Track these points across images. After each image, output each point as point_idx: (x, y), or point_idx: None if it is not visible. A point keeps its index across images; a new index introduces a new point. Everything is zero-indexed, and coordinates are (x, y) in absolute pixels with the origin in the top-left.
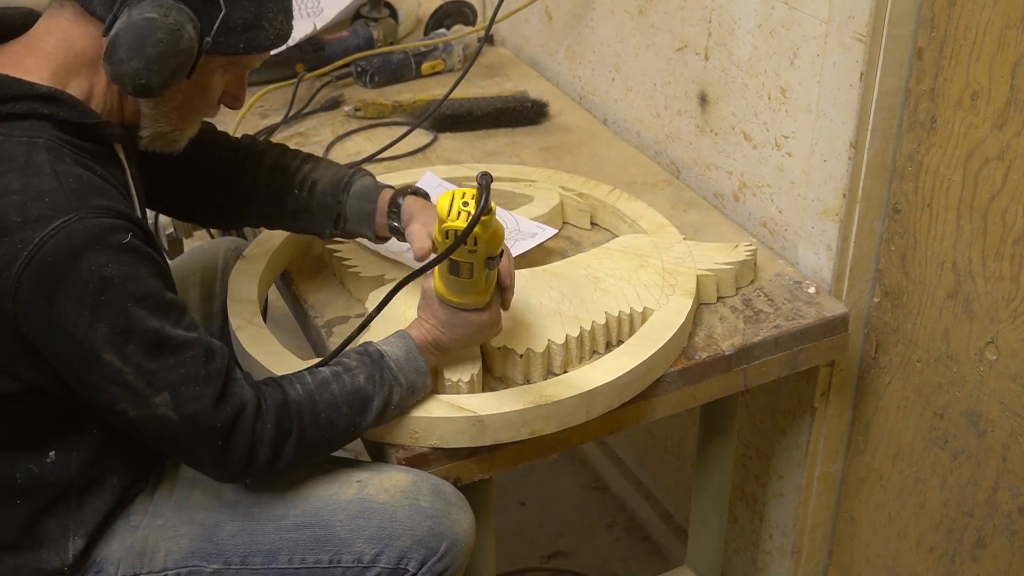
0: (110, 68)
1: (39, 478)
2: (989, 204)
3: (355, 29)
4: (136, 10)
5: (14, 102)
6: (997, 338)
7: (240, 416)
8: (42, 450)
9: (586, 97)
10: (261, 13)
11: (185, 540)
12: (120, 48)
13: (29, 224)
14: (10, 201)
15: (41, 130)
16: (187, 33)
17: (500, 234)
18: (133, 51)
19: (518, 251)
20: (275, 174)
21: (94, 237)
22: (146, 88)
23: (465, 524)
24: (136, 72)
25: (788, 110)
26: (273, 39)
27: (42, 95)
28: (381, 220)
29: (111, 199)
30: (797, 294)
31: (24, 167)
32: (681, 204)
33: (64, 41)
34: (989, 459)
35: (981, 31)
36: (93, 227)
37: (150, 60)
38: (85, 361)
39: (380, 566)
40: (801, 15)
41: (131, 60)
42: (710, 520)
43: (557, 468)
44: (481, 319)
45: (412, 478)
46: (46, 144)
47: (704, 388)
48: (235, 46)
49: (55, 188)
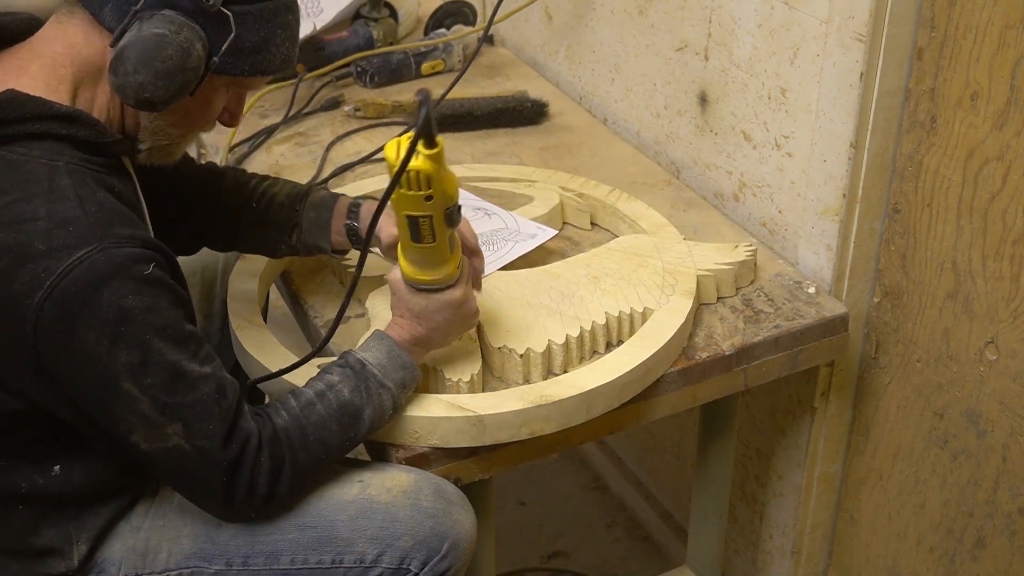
0: (114, 79)
1: (42, 488)
2: (989, 204)
3: (355, 29)
4: (147, 24)
5: (32, 122)
6: (997, 338)
7: (244, 452)
8: (46, 463)
9: (586, 97)
10: (269, 38)
11: (187, 541)
12: (127, 60)
13: (53, 252)
14: (36, 228)
15: (60, 152)
16: (196, 52)
17: (454, 180)
18: (140, 64)
19: (518, 252)
20: (234, 192)
21: (116, 268)
22: (149, 102)
23: (467, 524)
24: (141, 85)
25: (788, 110)
26: (278, 64)
27: (60, 115)
28: (338, 224)
29: (133, 226)
30: (797, 294)
31: (48, 192)
32: (681, 204)
33: (71, 48)
34: (989, 459)
35: (981, 31)
36: (115, 257)
37: (157, 75)
38: (104, 389)
39: (382, 566)
40: (801, 15)
41: (137, 73)
42: (710, 520)
43: (557, 468)
44: (454, 296)
45: (414, 478)
46: (67, 167)
47: (704, 388)
48: (241, 68)
49: (79, 216)
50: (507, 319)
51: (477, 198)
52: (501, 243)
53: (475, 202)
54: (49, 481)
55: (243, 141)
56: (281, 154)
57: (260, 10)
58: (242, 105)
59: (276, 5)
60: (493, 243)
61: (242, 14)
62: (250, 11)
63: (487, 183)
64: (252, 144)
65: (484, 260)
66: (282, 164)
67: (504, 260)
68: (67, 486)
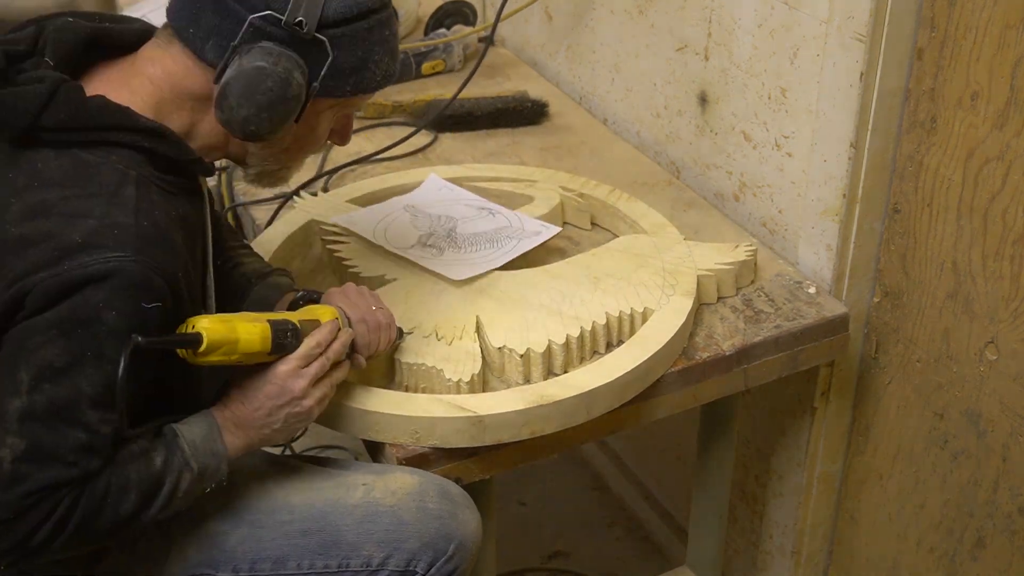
0: (221, 115)
1: None
2: (989, 204)
3: None
4: (247, 58)
5: (118, 131)
6: (997, 338)
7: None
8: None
9: (586, 97)
10: (368, 56)
11: (192, 549)
12: (231, 95)
13: (87, 248)
14: (85, 224)
15: (137, 164)
16: (295, 80)
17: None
18: (243, 99)
19: (522, 249)
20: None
21: (128, 283)
22: (255, 134)
23: (472, 524)
24: (246, 119)
25: (788, 110)
26: (380, 80)
27: (145, 129)
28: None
29: (173, 258)
30: (797, 294)
31: (112, 196)
32: (681, 204)
33: (171, 76)
34: (989, 459)
35: (981, 31)
36: (136, 275)
37: (260, 108)
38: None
39: (389, 569)
40: (801, 15)
41: (240, 108)
42: (710, 520)
43: (557, 468)
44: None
45: (418, 480)
46: (136, 179)
47: (704, 388)
48: (342, 89)
49: (129, 225)
50: (507, 319)
51: (480, 198)
52: (505, 240)
53: (478, 202)
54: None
55: None
56: None
57: (355, 31)
58: (350, 125)
59: (371, 23)
60: (498, 241)
61: (337, 37)
62: (345, 33)
63: (487, 183)
64: None
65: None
66: None
67: (509, 256)
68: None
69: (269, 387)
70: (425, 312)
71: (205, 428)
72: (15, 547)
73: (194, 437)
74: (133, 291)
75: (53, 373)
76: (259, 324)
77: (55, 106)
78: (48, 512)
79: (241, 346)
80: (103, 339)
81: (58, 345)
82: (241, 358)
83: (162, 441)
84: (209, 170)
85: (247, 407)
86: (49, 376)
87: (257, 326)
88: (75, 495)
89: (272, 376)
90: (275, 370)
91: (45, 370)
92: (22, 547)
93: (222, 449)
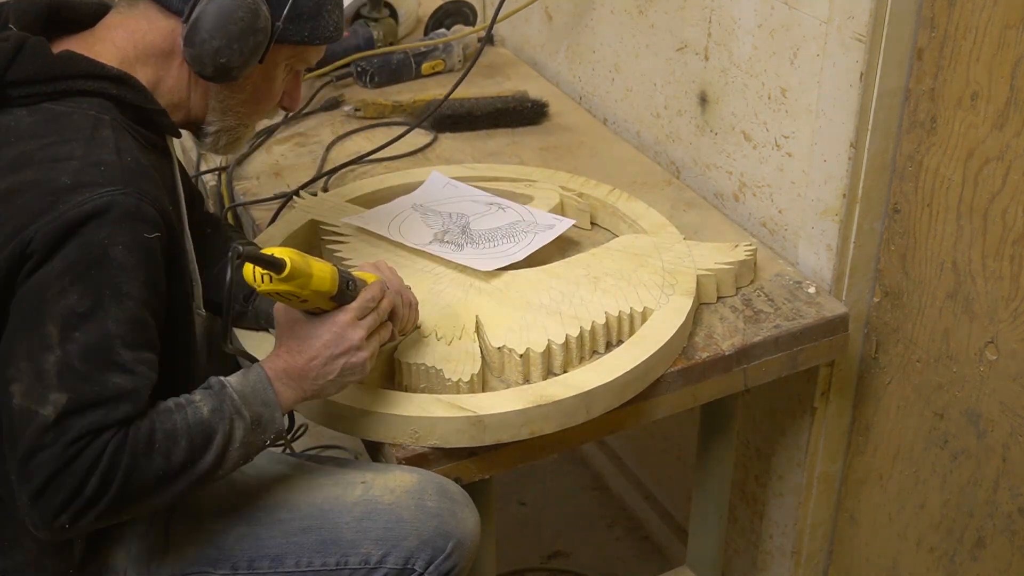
0: (191, 51)
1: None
2: (989, 204)
3: (355, 29)
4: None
5: (84, 79)
6: (997, 338)
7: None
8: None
9: (586, 97)
10: (322, 3)
11: (191, 546)
12: (203, 29)
13: (78, 187)
14: (68, 166)
15: (107, 110)
16: (263, 13)
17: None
18: (216, 30)
19: (541, 243)
20: (221, 246)
21: (125, 214)
22: (225, 68)
23: (471, 522)
24: (218, 51)
25: (788, 110)
26: (332, 30)
27: (111, 76)
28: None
29: (160, 192)
30: (797, 294)
31: (89, 139)
32: (681, 204)
33: (134, 34)
34: (989, 459)
35: (981, 31)
36: (131, 206)
37: (232, 38)
38: (25, 321)
39: (387, 567)
40: (801, 15)
41: (213, 39)
42: (710, 520)
43: (557, 468)
44: (336, 320)
45: (417, 478)
46: (111, 123)
47: (704, 388)
48: (301, 34)
49: (113, 161)
50: (507, 319)
51: (487, 193)
52: (521, 235)
53: (488, 198)
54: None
55: None
56: (281, 154)
57: None
58: (299, 87)
59: None
60: (514, 235)
61: None
62: None
63: (487, 183)
64: (252, 144)
65: (416, 311)
66: (282, 164)
67: (530, 249)
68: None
69: (328, 335)
70: (425, 312)
71: (254, 378)
72: (69, 500)
73: (243, 387)
74: (131, 222)
75: (79, 319)
76: (328, 265)
77: (21, 60)
78: (95, 458)
79: (314, 282)
80: (117, 274)
81: (76, 290)
82: (310, 296)
83: (209, 392)
84: (175, 131)
85: (303, 356)
86: (76, 323)
87: (327, 266)
88: (119, 439)
89: (332, 324)
90: (335, 318)
91: (71, 318)
92: (76, 499)
93: (273, 399)
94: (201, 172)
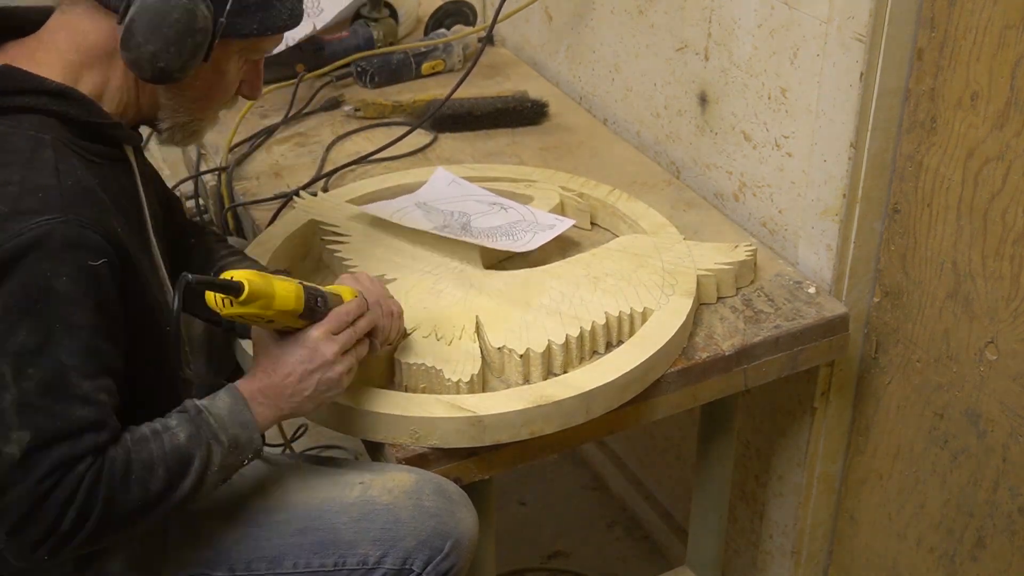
0: (128, 55)
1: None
2: (989, 204)
3: (355, 29)
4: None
5: (23, 95)
6: (997, 338)
7: (65, 494)
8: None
9: (586, 97)
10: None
11: (188, 548)
12: (137, 32)
13: (15, 216)
14: (6, 192)
15: (49, 128)
16: (201, 12)
17: (288, 292)
18: (150, 33)
19: (540, 242)
20: (203, 255)
21: (65, 244)
22: (164, 72)
23: (469, 522)
24: (154, 55)
25: (788, 110)
26: (287, 19)
27: (51, 91)
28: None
29: (105, 215)
30: (797, 294)
31: (28, 161)
32: (681, 204)
33: (76, 36)
34: (989, 459)
35: (981, 31)
36: (71, 234)
37: (167, 42)
38: None
39: (385, 567)
40: (801, 15)
41: (148, 44)
42: (710, 520)
43: (557, 468)
44: (309, 336)
45: (415, 478)
46: (52, 142)
47: (704, 388)
48: (249, 27)
49: (53, 185)
50: (507, 319)
51: (490, 193)
52: (521, 234)
53: (489, 197)
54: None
55: (243, 141)
56: (281, 154)
57: None
58: (259, 75)
59: None
60: (513, 234)
61: None
62: None
63: (487, 183)
64: (252, 144)
65: (401, 319)
66: (282, 164)
67: (528, 247)
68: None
69: (302, 351)
70: (425, 312)
71: (230, 400)
72: (47, 535)
73: (220, 410)
74: (73, 251)
75: (31, 355)
76: (292, 283)
77: None
78: (71, 492)
79: (277, 302)
80: (64, 307)
81: (24, 326)
82: (275, 316)
83: (185, 416)
84: (133, 138)
85: (277, 374)
86: (29, 359)
87: (291, 284)
88: (95, 471)
89: (304, 340)
90: (307, 334)
91: (22, 355)
92: (54, 533)
93: (251, 420)
94: (201, 172)
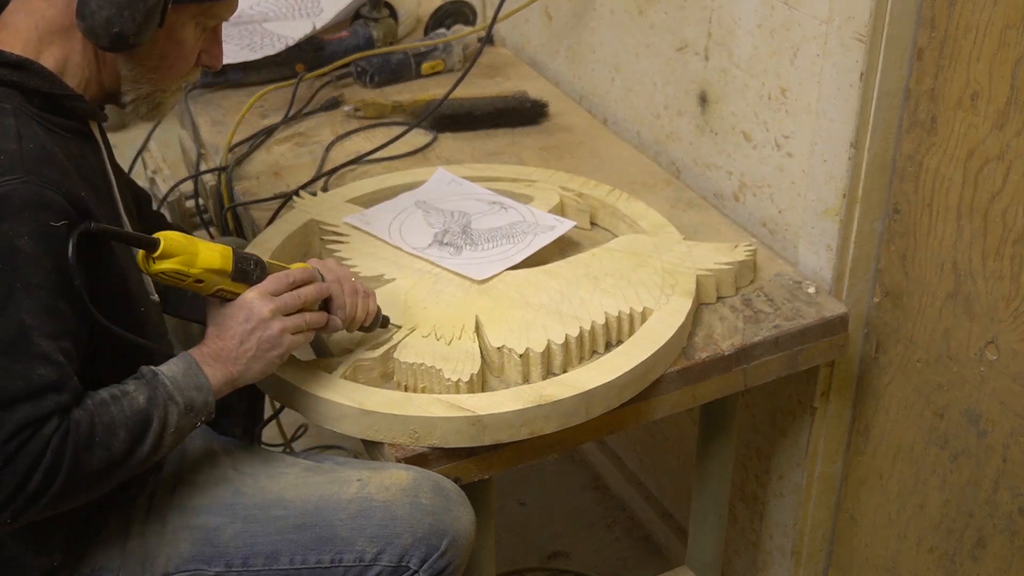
0: (83, 24)
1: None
2: (989, 204)
3: (355, 29)
4: None
5: None
6: (997, 338)
7: (31, 455)
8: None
9: (586, 97)
10: None
11: (186, 544)
12: (91, 0)
13: None
14: None
15: (9, 98)
16: None
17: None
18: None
19: (539, 245)
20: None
21: (26, 204)
22: (120, 37)
23: (466, 520)
24: (108, 20)
25: (788, 110)
26: None
27: (10, 62)
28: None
29: (67, 178)
30: (797, 294)
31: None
32: (681, 204)
33: (33, 14)
34: (989, 459)
35: (981, 31)
36: (31, 194)
37: (121, 6)
38: None
39: (382, 564)
40: (801, 15)
41: (102, 9)
42: (710, 520)
43: (557, 468)
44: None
45: (412, 475)
46: (14, 111)
47: (704, 388)
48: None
49: (14, 149)
50: (507, 319)
51: (490, 192)
52: (521, 235)
53: (490, 196)
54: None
55: (243, 141)
56: (281, 154)
57: None
58: (219, 43)
59: None
60: (513, 236)
61: None
62: None
63: (487, 183)
64: (252, 144)
65: (373, 300)
66: (282, 164)
67: (527, 252)
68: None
69: (240, 312)
70: (424, 312)
71: (183, 364)
72: (13, 496)
73: (174, 373)
74: (33, 211)
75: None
76: (221, 246)
77: None
78: (37, 453)
79: (200, 260)
80: (25, 266)
81: None
82: (202, 275)
83: (142, 380)
84: (97, 114)
85: (222, 339)
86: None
87: (218, 246)
88: (61, 433)
89: (241, 301)
90: (243, 296)
91: None
92: (20, 494)
93: (205, 382)
94: (201, 172)
